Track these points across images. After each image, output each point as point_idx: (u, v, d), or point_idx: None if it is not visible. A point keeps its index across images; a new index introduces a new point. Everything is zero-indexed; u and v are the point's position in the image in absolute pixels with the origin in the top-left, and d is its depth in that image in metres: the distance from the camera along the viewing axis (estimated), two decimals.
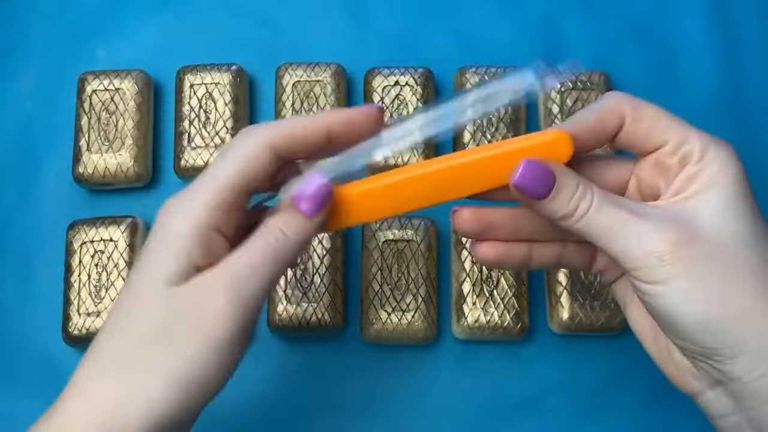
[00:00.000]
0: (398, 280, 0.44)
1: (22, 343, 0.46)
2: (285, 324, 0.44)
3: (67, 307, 0.44)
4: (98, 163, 0.46)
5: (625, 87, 0.49)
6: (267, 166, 0.30)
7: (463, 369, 0.45)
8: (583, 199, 0.30)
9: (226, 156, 0.30)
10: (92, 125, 0.47)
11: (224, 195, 0.29)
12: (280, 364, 0.46)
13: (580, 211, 0.30)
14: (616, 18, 0.51)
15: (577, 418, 0.45)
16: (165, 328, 0.28)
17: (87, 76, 0.47)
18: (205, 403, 0.29)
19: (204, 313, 0.28)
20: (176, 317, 0.28)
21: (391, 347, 0.45)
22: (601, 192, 0.30)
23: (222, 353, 0.28)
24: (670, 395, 0.45)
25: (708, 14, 0.51)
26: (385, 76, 0.47)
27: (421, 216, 0.45)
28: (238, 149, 0.30)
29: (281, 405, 0.45)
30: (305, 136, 0.31)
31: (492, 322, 0.43)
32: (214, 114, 0.47)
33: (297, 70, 0.47)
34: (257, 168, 0.30)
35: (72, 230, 0.45)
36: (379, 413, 0.45)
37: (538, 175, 0.30)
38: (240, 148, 0.30)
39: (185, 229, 0.29)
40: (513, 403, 0.45)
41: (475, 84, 0.46)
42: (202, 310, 0.28)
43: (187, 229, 0.29)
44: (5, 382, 0.45)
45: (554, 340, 0.46)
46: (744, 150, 0.48)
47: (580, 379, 0.45)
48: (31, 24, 0.50)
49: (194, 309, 0.28)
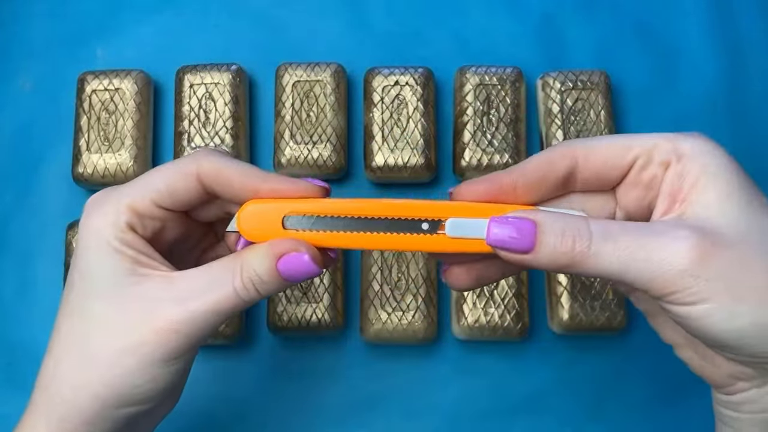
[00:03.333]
0: (398, 280, 0.44)
1: (22, 343, 0.46)
2: (285, 324, 0.44)
3: None
4: (98, 163, 0.46)
5: (625, 87, 0.49)
6: (194, 194, 0.30)
7: (463, 369, 0.45)
8: (578, 239, 0.26)
9: (162, 169, 0.31)
10: (92, 125, 0.47)
11: (148, 202, 0.30)
12: (280, 364, 0.46)
13: (579, 254, 0.26)
14: (616, 18, 0.51)
15: (577, 418, 0.45)
16: (106, 327, 0.29)
17: (87, 76, 0.47)
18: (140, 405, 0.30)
19: (143, 329, 0.29)
20: (118, 324, 0.29)
21: (391, 347, 0.45)
22: (598, 222, 0.27)
23: (156, 372, 0.29)
24: (670, 395, 0.45)
25: (708, 14, 0.51)
26: (385, 76, 0.47)
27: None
28: (177, 166, 0.30)
29: (281, 405, 0.45)
30: (230, 182, 0.30)
31: (492, 322, 0.43)
32: (214, 114, 0.47)
33: (297, 70, 0.47)
34: (185, 192, 0.30)
35: (72, 230, 0.45)
36: (378, 413, 0.45)
37: (513, 228, 0.27)
38: (176, 167, 0.30)
39: (115, 231, 0.29)
40: (513, 403, 0.45)
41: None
42: (144, 323, 0.29)
43: (118, 232, 0.29)
44: (5, 382, 0.45)
45: (554, 340, 0.46)
46: (744, 150, 0.48)
47: (580, 379, 0.45)
48: (31, 24, 0.50)
49: (137, 320, 0.29)
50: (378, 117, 0.46)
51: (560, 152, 0.29)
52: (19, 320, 0.46)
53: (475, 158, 0.46)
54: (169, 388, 0.30)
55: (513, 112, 0.47)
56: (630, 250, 0.26)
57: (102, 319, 0.29)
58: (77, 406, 0.29)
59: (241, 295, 0.29)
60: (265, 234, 0.30)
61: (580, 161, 0.29)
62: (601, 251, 0.26)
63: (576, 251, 0.26)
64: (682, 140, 0.28)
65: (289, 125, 0.46)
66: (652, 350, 0.45)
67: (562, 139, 0.46)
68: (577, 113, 0.46)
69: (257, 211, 0.30)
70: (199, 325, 0.29)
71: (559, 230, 0.27)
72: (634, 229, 0.26)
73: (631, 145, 0.28)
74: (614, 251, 0.26)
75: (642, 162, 0.28)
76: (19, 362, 0.45)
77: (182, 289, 0.29)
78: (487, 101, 0.47)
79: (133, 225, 0.30)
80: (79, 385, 0.29)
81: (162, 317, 0.28)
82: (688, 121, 0.49)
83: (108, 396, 0.29)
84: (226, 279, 0.29)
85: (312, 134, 0.46)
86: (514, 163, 0.46)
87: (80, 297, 0.30)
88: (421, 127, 0.46)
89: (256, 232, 0.30)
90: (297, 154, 0.46)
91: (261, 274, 0.29)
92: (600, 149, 0.29)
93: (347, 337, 0.46)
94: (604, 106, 0.46)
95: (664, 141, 0.28)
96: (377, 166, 0.46)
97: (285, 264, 0.29)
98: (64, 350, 0.30)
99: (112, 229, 0.29)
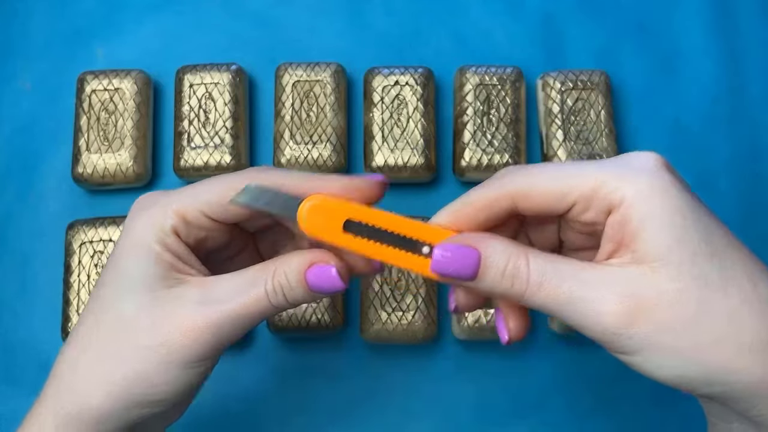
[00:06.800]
0: (398, 280, 0.44)
1: (22, 343, 0.46)
2: (285, 324, 0.44)
3: (66, 308, 0.44)
4: (98, 163, 0.46)
5: (625, 87, 0.49)
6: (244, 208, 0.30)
7: (463, 369, 0.45)
8: (517, 277, 0.27)
9: (216, 180, 0.31)
10: (92, 125, 0.47)
11: (197, 212, 0.30)
12: (279, 364, 0.46)
13: (518, 289, 0.27)
14: (616, 18, 0.51)
15: (576, 417, 0.45)
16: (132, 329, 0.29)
17: (86, 76, 0.47)
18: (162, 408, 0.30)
19: (169, 328, 0.29)
20: (145, 323, 0.29)
21: (391, 347, 0.45)
22: (539, 261, 0.27)
23: (175, 374, 0.29)
24: (670, 395, 0.45)
25: (708, 14, 0.51)
26: (385, 75, 0.47)
27: (421, 216, 0.45)
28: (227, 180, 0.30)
29: (281, 405, 0.45)
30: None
31: (492, 322, 0.43)
32: (214, 114, 0.47)
33: (297, 70, 0.47)
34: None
35: (71, 230, 0.45)
36: (378, 413, 0.45)
37: (457, 255, 0.27)
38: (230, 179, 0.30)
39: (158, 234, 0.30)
40: (513, 403, 0.45)
41: None
42: (171, 323, 0.29)
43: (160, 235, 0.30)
44: (5, 382, 0.45)
45: (554, 340, 0.46)
46: (744, 150, 0.49)
47: (580, 379, 0.45)
48: (31, 24, 0.50)
49: (165, 320, 0.29)
50: (378, 117, 0.46)
51: (496, 194, 0.29)
52: (19, 320, 0.46)
53: (475, 158, 0.46)
54: (184, 392, 0.29)
55: (513, 112, 0.47)
56: (565, 297, 0.26)
57: (129, 318, 0.29)
58: (88, 403, 0.29)
59: (271, 299, 0.29)
60: (324, 230, 0.29)
61: (519, 202, 0.29)
62: (536, 295, 0.27)
63: (513, 289, 0.27)
64: (626, 180, 0.26)
65: (289, 125, 0.46)
66: None
67: (562, 139, 0.46)
68: (577, 113, 0.46)
69: (318, 208, 0.29)
70: (226, 328, 0.29)
71: (501, 266, 0.27)
72: (570, 276, 0.26)
73: (569, 191, 0.28)
74: (548, 296, 0.27)
75: (580, 207, 0.28)
76: (19, 362, 0.45)
77: (214, 291, 0.29)
78: (487, 101, 0.47)
79: (178, 230, 0.30)
80: (95, 379, 0.29)
81: (190, 318, 0.28)
82: (688, 121, 0.49)
83: (121, 394, 0.28)
84: (260, 281, 0.29)
85: (312, 134, 0.46)
86: (514, 163, 0.46)
87: (111, 295, 0.30)
88: (421, 127, 0.46)
89: (315, 228, 0.29)
90: (297, 154, 0.46)
91: (291, 279, 0.29)
92: (537, 192, 0.28)
93: (347, 337, 0.46)
94: (604, 106, 0.46)
95: (606, 182, 0.27)
96: (377, 166, 0.46)
97: (313, 274, 0.29)
98: (85, 344, 0.29)
99: (156, 232, 0.29)
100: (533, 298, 0.27)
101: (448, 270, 0.28)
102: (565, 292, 0.26)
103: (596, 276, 0.26)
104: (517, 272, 0.27)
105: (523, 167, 0.29)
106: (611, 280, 0.26)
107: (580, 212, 0.28)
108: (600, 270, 0.27)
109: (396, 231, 0.29)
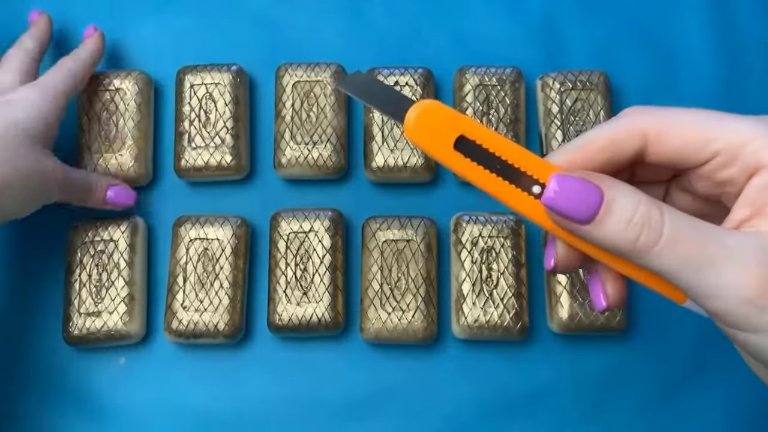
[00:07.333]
0: (398, 280, 0.44)
1: (22, 343, 0.46)
2: (285, 324, 0.44)
3: (67, 307, 0.44)
4: (98, 163, 0.46)
5: (625, 87, 0.49)
6: None
7: (463, 369, 0.45)
8: (648, 226, 0.23)
9: None
10: (92, 125, 0.47)
11: None
12: (280, 364, 0.46)
13: (646, 242, 0.23)
14: (616, 18, 0.51)
15: (577, 418, 0.45)
16: None
17: None
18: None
19: None
20: None
21: (391, 347, 0.46)
22: (676, 214, 0.23)
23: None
24: (670, 395, 0.45)
25: (708, 14, 0.51)
26: (385, 76, 0.47)
27: (421, 216, 0.45)
28: None
29: (281, 405, 0.45)
30: None
31: (492, 321, 0.44)
32: (214, 114, 0.47)
33: (297, 70, 0.47)
34: None
35: (72, 230, 0.45)
36: (378, 413, 0.45)
37: (576, 190, 0.24)
38: None
39: None
40: (513, 403, 0.45)
41: None
42: None
43: None
44: (5, 382, 0.45)
45: (554, 340, 0.46)
46: None
47: (580, 379, 0.45)
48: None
49: None
50: (378, 117, 0.46)
51: (626, 131, 0.25)
52: (20, 320, 0.46)
53: None
54: None
55: (512, 113, 0.47)
56: (697, 260, 0.23)
57: None
58: None
59: None
60: (432, 142, 0.26)
61: (651, 145, 0.25)
62: (669, 253, 0.23)
63: (640, 242, 0.23)
64: None
65: (290, 125, 0.46)
66: (651, 350, 0.45)
67: (562, 139, 0.46)
68: (577, 113, 0.46)
69: (431, 114, 0.26)
70: None
71: (629, 212, 0.23)
72: (706, 235, 0.23)
73: (715, 137, 0.24)
74: (683, 256, 0.23)
75: (722, 160, 0.24)
76: (18, 362, 0.45)
77: None
78: (487, 101, 0.47)
79: None
80: None
81: None
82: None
83: None
84: None
85: (312, 134, 0.46)
86: None
87: None
88: None
89: (422, 137, 0.26)
90: (297, 154, 0.46)
91: None
92: (677, 133, 0.25)
93: (347, 337, 0.46)
94: (604, 107, 0.46)
95: (758, 137, 0.24)
96: (377, 166, 0.46)
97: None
98: None
99: None
100: (661, 257, 0.23)
101: (562, 206, 0.24)
102: (705, 254, 0.23)
103: (740, 242, 0.23)
104: (649, 221, 0.23)
105: (655, 107, 0.25)
106: (756, 249, 0.23)
107: (719, 167, 0.25)
108: (742, 236, 0.23)
109: (509, 160, 0.26)
